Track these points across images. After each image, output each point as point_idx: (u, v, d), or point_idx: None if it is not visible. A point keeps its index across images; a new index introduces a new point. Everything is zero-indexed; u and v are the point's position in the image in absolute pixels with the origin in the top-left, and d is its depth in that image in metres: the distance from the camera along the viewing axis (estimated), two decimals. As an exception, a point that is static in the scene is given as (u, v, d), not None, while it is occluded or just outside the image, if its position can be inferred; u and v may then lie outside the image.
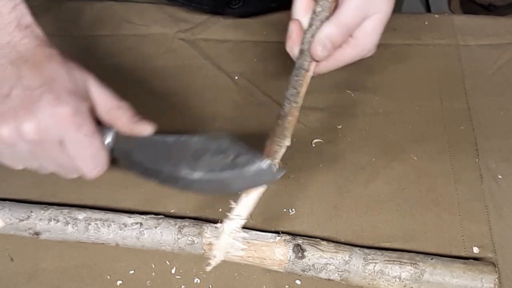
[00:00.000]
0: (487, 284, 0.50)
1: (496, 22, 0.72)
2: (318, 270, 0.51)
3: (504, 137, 0.62)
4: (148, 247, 0.53)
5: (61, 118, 0.43)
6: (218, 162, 0.46)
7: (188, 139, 0.48)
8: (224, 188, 0.47)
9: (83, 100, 0.45)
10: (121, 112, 0.48)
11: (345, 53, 0.53)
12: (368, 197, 0.58)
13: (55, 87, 0.44)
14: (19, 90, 0.43)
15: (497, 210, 0.57)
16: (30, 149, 0.44)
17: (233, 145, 0.47)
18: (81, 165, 0.46)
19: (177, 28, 0.72)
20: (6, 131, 0.43)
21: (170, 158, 0.48)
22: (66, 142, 0.44)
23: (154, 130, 0.49)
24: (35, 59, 0.45)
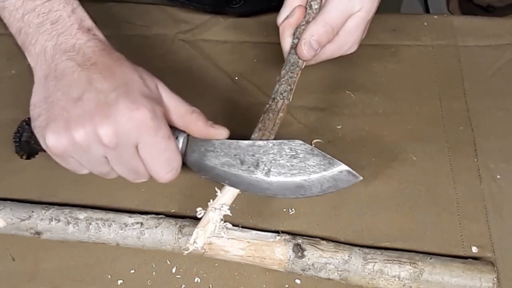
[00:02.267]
0: (486, 283, 0.50)
1: (495, 23, 0.72)
2: (318, 270, 0.51)
3: (503, 138, 0.63)
4: (149, 247, 0.54)
5: (139, 122, 0.43)
6: (295, 167, 0.47)
7: (263, 144, 0.49)
8: (300, 192, 0.48)
9: (158, 104, 0.45)
10: (195, 116, 0.48)
11: (326, 48, 0.54)
12: (368, 197, 0.58)
13: (131, 91, 0.43)
14: (92, 94, 0.43)
15: (496, 210, 0.58)
16: (104, 153, 0.44)
17: (308, 149, 0.48)
18: (156, 168, 0.46)
19: (178, 29, 0.72)
20: (82, 135, 0.42)
21: (244, 162, 0.48)
22: (142, 146, 0.44)
23: (228, 134, 0.50)
24: (104, 63, 0.45)
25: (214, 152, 0.49)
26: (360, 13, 0.52)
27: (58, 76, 0.44)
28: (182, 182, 0.59)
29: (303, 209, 0.58)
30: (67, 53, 0.44)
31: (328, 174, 0.47)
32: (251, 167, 0.48)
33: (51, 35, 0.45)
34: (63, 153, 0.44)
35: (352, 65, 0.68)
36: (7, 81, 0.66)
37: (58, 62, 0.44)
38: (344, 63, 0.66)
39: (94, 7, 0.73)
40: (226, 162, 0.49)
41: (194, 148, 0.49)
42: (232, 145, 0.49)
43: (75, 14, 0.46)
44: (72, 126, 0.42)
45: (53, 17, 0.45)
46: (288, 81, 0.53)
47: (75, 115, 0.42)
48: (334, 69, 0.68)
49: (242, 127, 0.53)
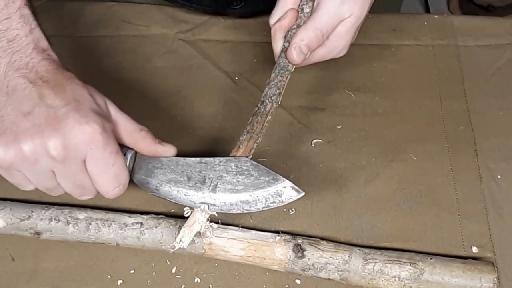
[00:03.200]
0: (486, 283, 0.50)
1: (495, 22, 0.72)
2: (318, 270, 0.51)
3: (504, 137, 0.63)
4: (149, 247, 0.54)
5: (88, 136, 0.43)
6: (240, 183, 0.49)
7: (210, 161, 0.50)
8: (245, 207, 0.49)
9: (107, 120, 0.46)
10: (143, 134, 0.49)
11: (315, 52, 0.55)
12: (368, 197, 0.58)
13: (81, 106, 0.44)
14: (43, 108, 0.43)
15: (496, 210, 0.58)
16: (52, 167, 0.44)
17: (253, 166, 0.49)
18: (103, 183, 0.46)
19: (178, 28, 0.72)
20: (30, 147, 0.43)
21: (191, 178, 0.50)
22: (90, 161, 0.45)
23: (176, 151, 0.51)
24: (56, 80, 0.45)
25: (161, 169, 0.50)
26: (350, 19, 0.53)
27: (9, 92, 0.44)
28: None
29: (303, 209, 0.57)
30: (20, 70, 0.45)
31: (272, 189, 0.49)
32: (198, 183, 0.50)
33: (6, 52, 0.46)
34: (10, 166, 0.44)
35: (352, 65, 0.68)
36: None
37: (11, 78, 0.45)
38: (344, 63, 0.66)
39: (94, 7, 0.74)
40: (173, 178, 0.50)
41: (142, 165, 0.51)
42: (179, 162, 0.50)
43: (32, 34, 0.47)
44: (21, 138, 0.43)
45: (10, 35, 0.46)
46: (277, 84, 0.54)
47: (24, 128, 0.43)
48: (334, 69, 0.68)
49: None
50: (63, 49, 0.50)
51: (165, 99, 0.66)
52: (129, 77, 0.68)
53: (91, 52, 0.70)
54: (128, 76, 0.68)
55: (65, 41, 0.70)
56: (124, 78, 0.67)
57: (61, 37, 0.70)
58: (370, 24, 0.71)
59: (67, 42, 0.70)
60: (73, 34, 0.71)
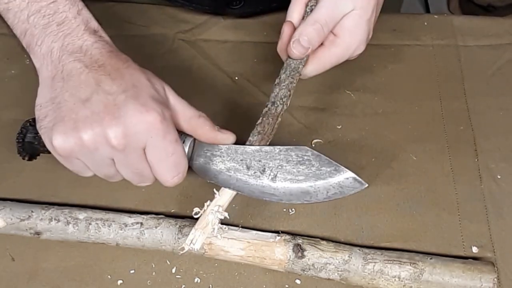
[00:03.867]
0: (486, 283, 0.50)
1: (495, 22, 0.72)
2: (318, 270, 0.51)
3: (504, 137, 0.63)
4: (149, 247, 0.54)
5: (149, 125, 0.43)
6: (301, 172, 0.48)
7: (270, 150, 0.49)
8: (305, 198, 0.48)
9: (166, 107, 0.45)
10: (202, 121, 0.48)
11: (330, 53, 0.54)
12: (368, 197, 0.58)
13: (140, 93, 0.43)
14: (101, 95, 0.43)
15: (496, 210, 0.58)
16: (111, 155, 0.44)
17: (315, 156, 0.48)
18: (163, 172, 0.46)
19: (178, 28, 0.72)
20: (90, 136, 0.42)
21: (250, 167, 0.49)
22: (150, 149, 0.44)
23: (235, 139, 0.50)
24: (112, 64, 0.45)
25: (220, 157, 0.49)
26: (355, 12, 0.52)
27: (65, 77, 0.44)
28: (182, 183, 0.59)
29: (303, 209, 0.57)
30: (74, 54, 0.44)
31: (334, 180, 0.48)
32: (257, 172, 0.49)
33: (58, 36, 0.45)
34: (70, 154, 0.44)
35: (352, 65, 0.68)
36: (7, 81, 0.66)
37: (65, 63, 0.44)
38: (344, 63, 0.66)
39: (94, 7, 0.73)
40: (232, 167, 0.49)
41: (200, 153, 0.50)
42: (238, 150, 0.49)
43: (81, 15, 0.46)
44: (80, 127, 0.42)
45: (59, 18, 0.45)
46: (288, 86, 0.53)
47: (83, 116, 0.42)
48: (334, 69, 0.67)
49: (242, 127, 0.53)
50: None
51: (165, 99, 0.66)
52: (129, 77, 0.68)
53: (91, 52, 0.70)
54: (128, 76, 0.68)
55: (65, 41, 0.70)
56: (124, 78, 0.67)
57: (61, 37, 0.70)
58: (370, 24, 0.71)
59: (67, 42, 0.70)
60: (73, 34, 0.71)
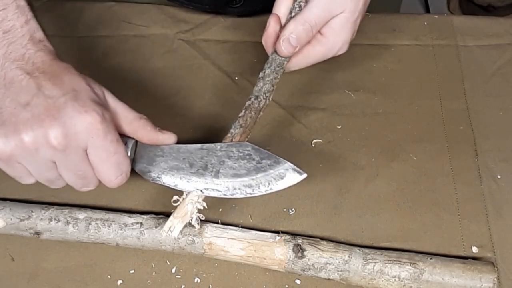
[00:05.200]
0: (486, 283, 0.50)
1: (495, 22, 0.72)
2: (318, 270, 0.51)
3: (503, 137, 0.63)
4: (149, 247, 0.54)
5: (88, 125, 0.43)
6: (242, 167, 0.49)
7: (211, 147, 0.50)
8: (248, 191, 0.49)
9: (106, 109, 0.46)
10: (143, 122, 0.49)
11: (315, 51, 0.55)
12: (368, 197, 0.58)
13: (79, 96, 0.44)
14: (41, 99, 0.43)
15: (496, 210, 0.58)
16: (53, 157, 0.44)
17: (255, 150, 0.49)
18: (106, 172, 0.46)
19: (178, 28, 0.72)
20: (31, 137, 0.43)
21: (193, 165, 0.50)
22: (92, 149, 0.45)
23: (176, 139, 0.51)
24: (52, 71, 0.45)
25: (163, 156, 0.50)
26: (344, 14, 0.53)
27: (7, 84, 0.44)
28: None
29: (303, 209, 0.57)
30: (17, 61, 0.45)
31: (275, 172, 0.49)
32: (200, 170, 0.50)
33: (2, 44, 0.46)
34: (11, 157, 0.44)
35: (352, 65, 0.68)
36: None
37: (7, 70, 0.45)
38: (344, 63, 0.66)
39: (94, 7, 0.74)
40: (175, 166, 0.50)
41: (143, 154, 0.50)
42: (180, 149, 0.50)
43: (28, 25, 0.47)
44: (20, 129, 0.43)
45: (5, 26, 0.46)
46: (272, 81, 0.54)
47: (23, 119, 0.43)
48: (334, 69, 0.68)
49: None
50: (63, 49, 0.50)
51: (165, 99, 0.66)
52: (129, 77, 0.68)
53: (91, 52, 0.70)
54: (128, 76, 0.68)
55: (65, 41, 0.70)
56: (124, 78, 0.67)
57: (61, 37, 0.70)
58: (370, 24, 0.71)
59: (67, 42, 0.70)
60: (73, 34, 0.71)
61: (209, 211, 0.57)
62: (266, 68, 0.55)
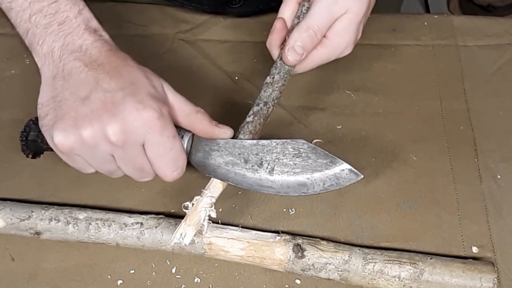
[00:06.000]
0: (486, 283, 0.50)
1: (495, 22, 0.72)
2: (318, 270, 0.51)
3: (503, 137, 0.63)
4: (149, 247, 0.54)
5: (146, 121, 0.44)
6: (298, 165, 0.49)
7: (267, 143, 0.50)
8: (302, 190, 0.49)
9: (164, 104, 0.46)
10: (200, 116, 0.49)
11: (318, 53, 0.54)
12: (368, 197, 0.58)
13: (137, 90, 0.44)
14: (100, 93, 0.44)
15: (496, 210, 0.58)
16: (111, 151, 0.45)
17: (311, 148, 0.49)
18: (162, 167, 0.47)
19: (177, 28, 0.72)
20: (90, 133, 0.43)
21: (248, 161, 0.49)
22: (149, 145, 0.45)
23: (233, 133, 0.51)
24: (110, 63, 0.46)
25: (218, 151, 0.50)
26: (347, 15, 0.52)
27: (65, 76, 0.45)
28: (182, 182, 0.59)
29: (303, 209, 0.57)
30: (74, 53, 0.45)
31: (330, 172, 0.49)
32: (255, 166, 0.49)
33: (58, 36, 0.46)
34: (70, 151, 0.45)
35: (352, 65, 0.68)
36: (7, 81, 0.66)
37: (66, 62, 0.45)
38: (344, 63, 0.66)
39: (94, 7, 0.73)
40: (230, 161, 0.50)
41: (199, 148, 0.50)
42: (236, 144, 0.50)
43: (82, 15, 0.47)
44: (80, 124, 0.43)
45: (60, 18, 0.46)
46: (280, 88, 0.54)
47: (82, 114, 0.43)
48: (334, 69, 0.68)
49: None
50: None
51: (165, 99, 0.66)
52: (129, 77, 0.67)
53: (91, 52, 0.70)
54: (128, 76, 0.68)
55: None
56: (124, 78, 0.67)
57: (61, 37, 0.70)
58: (370, 24, 0.71)
59: (67, 42, 0.70)
60: (73, 34, 0.71)
61: (209, 211, 0.57)
62: (275, 74, 0.54)
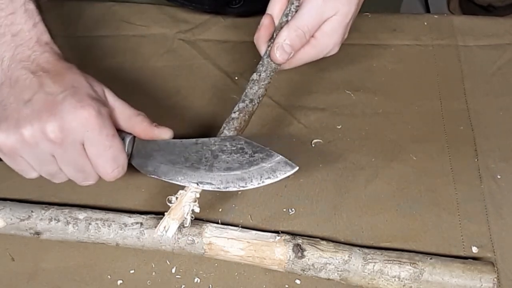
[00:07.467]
0: (486, 283, 0.50)
1: (495, 22, 0.72)
2: (318, 270, 0.51)
3: (503, 137, 0.63)
4: (148, 247, 0.54)
5: (84, 120, 0.45)
6: (235, 160, 0.50)
7: (206, 141, 0.51)
8: (241, 184, 0.50)
9: (103, 105, 0.48)
10: (140, 118, 0.51)
11: (305, 52, 0.55)
12: (368, 197, 0.58)
13: (77, 92, 0.46)
14: (42, 95, 0.45)
15: (496, 210, 0.58)
16: (52, 151, 0.46)
17: (247, 144, 0.50)
18: (102, 166, 0.48)
19: (177, 28, 0.72)
20: (30, 132, 0.45)
21: (188, 159, 0.51)
22: (88, 144, 0.46)
23: (173, 134, 0.52)
24: (56, 70, 0.47)
25: (159, 151, 0.51)
26: (336, 17, 0.53)
27: (12, 83, 0.47)
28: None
29: (303, 209, 0.57)
30: (22, 62, 0.47)
31: (267, 165, 0.50)
32: (194, 163, 0.50)
33: (10, 46, 0.48)
34: (12, 151, 0.46)
35: (352, 65, 0.68)
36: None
37: (14, 71, 0.47)
38: (344, 63, 0.66)
39: (94, 7, 0.74)
40: (171, 160, 0.51)
41: (140, 149, 0.52)
42: (176, 144, 0.52)
43: (36, 28, 0.49)
44: (21, 124, 0.45)
45: (14, 29, 0.48)
46: (266, 85, 0.55)
47: (24, 115, 0.45)
48: (334, 69, 0.68)
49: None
50: (63, 49, 0.50)
51: (165, 99, 0.66)
52: (129, 77, 0.68)
53: (91, 52, 0.70)
54: (128, 76, 0.68)
55: (65, 41, 0.70)
56: (124, 78, 0.67)
57: (61, 37, 0.70)
58: (370, 24, 0.71)
59: (67, 42, 0.70)
60: (73, 34, 0.71)
61: (209, 211, 0.57)
62: (262, 72, 0.54)
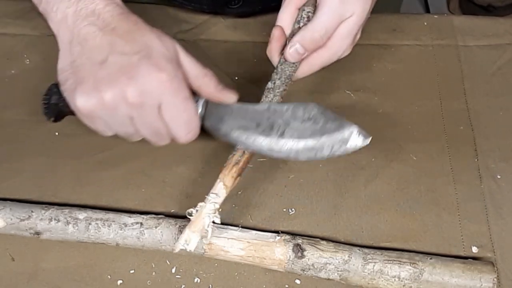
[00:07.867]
0: (486, 283, 0.50)
1: (495, 22, 0.72)
2: (318, 270, 0.51)
3: (503, 137, 0.63)
4: (149, 247, 0.54)
5: (161, 83, 0.45)
6: (307, 129, 0.49)
7: (278, 107, 0.50)
8: (311, 153, 0.49)
9: (178, 66, 0.47)
10: (207, 79, 0.50)
11: (319, 56, 0.55)
12: (368, 197, 0.58)
13: (152, 53, 0.46)
14: (116, 57, 0.45)
15: (496, 210, 0.58)
16: (129, 113, 0.46)
17: (321, 112, 0.49)
18: (176, 128, 0.48)
19: (178, 28, 0.72)
20: (110, 96, 0.45)
21: (260, 124, 0.50)
22: (164, 107, 0.46)
23: (237, 98, 0.51)
24: (123, 27, 0.47)
25: (231, 115, 0.51)
26: (352, 18, 0.53)
27: (81, 42, 0.46)
28: (182, 182, 0.59)
29: (303, 209, 0.57)
30: (88, 18, 0.47)
31: (339, 136, 0.49)
32: (266, 130, 0.50)
33: (71, 2, 0.47)
34: (91, 113, 0.46)
35: (352, 65, 0.68)
36: (7, 81, 0.66)
37: (80, 27, 0.47)
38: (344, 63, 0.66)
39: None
40: (242, 125, 0.50)
41: (213, 112, 0.51)
42: (249, 109, 0.51)
43: None
44: (100, 87, 0.45)
45: None
46: (281, 93, 0.55)
47: (101, 77, 0.45)
48: (334, 69, 0.67)
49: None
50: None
51: (165, 99, 0.66)
52: (129, 77, 0.67)
53: (91, 52, 0.70)
54: (128, 76, 0.68)
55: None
56: (124, 78, 0.67)
57: (61, 37, 0.70)
58: (370, 24, 0.71)
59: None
60: (73, 34, 0.71)
61: (209, 211, 0.57)
62: (276, 79, 0.55)
